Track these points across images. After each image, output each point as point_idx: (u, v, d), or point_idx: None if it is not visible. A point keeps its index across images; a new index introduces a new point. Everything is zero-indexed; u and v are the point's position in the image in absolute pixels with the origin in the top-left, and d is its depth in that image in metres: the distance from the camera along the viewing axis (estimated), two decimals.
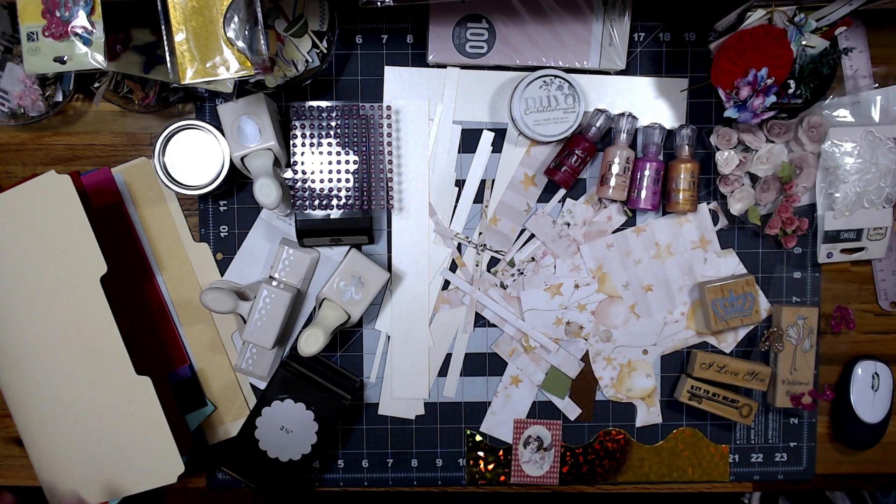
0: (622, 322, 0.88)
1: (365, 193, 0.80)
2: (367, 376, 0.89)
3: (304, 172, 0.80)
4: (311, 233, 0.81)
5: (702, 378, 0.86)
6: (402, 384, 0.88)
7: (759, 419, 0.90)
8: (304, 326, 0.88)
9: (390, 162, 0.84)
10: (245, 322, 0.81)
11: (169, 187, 0.81)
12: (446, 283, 0.88)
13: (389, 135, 0.83)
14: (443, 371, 0.89)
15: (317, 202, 0.80)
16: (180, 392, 0.86)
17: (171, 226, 0.86)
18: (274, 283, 0.81)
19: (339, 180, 0.80)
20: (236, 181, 0.87)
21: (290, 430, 0.83)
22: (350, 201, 0.80)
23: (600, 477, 0.90)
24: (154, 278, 0.86)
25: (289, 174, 0.80)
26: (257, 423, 0.83)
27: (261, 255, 0.87)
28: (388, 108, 0.83)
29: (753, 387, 0.86)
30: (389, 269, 0.87)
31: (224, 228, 0.87)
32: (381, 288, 0.83)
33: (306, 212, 0.80)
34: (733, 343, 0.89)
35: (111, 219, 0.84)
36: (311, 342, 0.80)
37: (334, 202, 0.80)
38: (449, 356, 0.89)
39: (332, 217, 0.81)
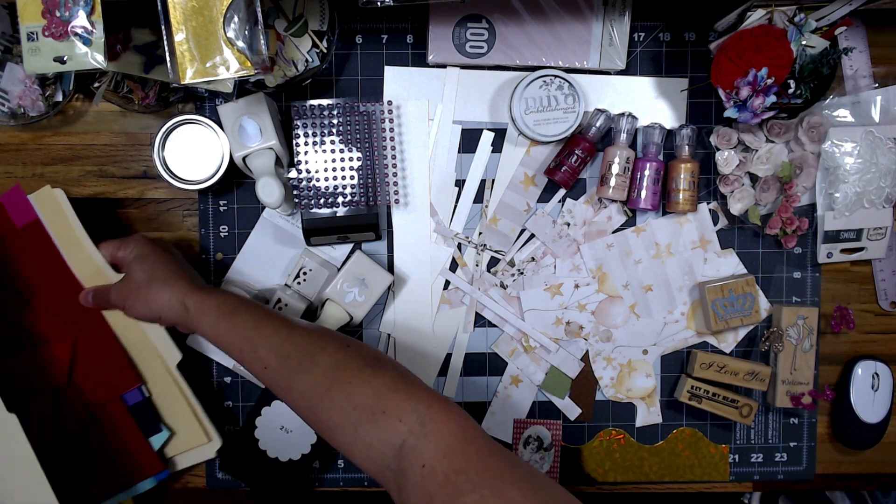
0: (622, 322, 0.88)
1: (370, 189, 0.80)
2: None
3: (308, 171, 0.80)
4: (317, 231, 0.81)
5: (702, 378, 0.86)
6: None
7: (759, 419, 0.90)
8: None
9: (394, 157, 0.84)
10: None
11: (169, 182, 0.81)
12: (446, 283, 0.88)
13: (392, 130, 0.84)
14: (443, 371, 0.89)
15: (322, 200, 0.80)
16: (137, 415, 0.80)
17: (88, 257, 0.80)
18: (289, 293, 0.82)
19: (343, 178, 0.80)
20: (235, 179, 0.87)
21: (290, 429, 0.83)
22: (355, 198, 0.80)
23: (600, 477, 0.90)
24: None
25: (293, 174, 0.80)
26: (257, 422, 0.83)
27: (264, 255, 0.87)
28: (390, 103, 0.83)
29: (753, 387, 0.86)
30: (391, 269, 0.87)
31: (224, 228, 0.87)
32: (385, 290, 0.83)
33: (312, 210, 0.80)
34: (733, 343, 0.89)
35: (34, 238, 0.80)
36: None
37: (339, 199, 0.80)
38: (449, 356, 0.89)
39: (337, 215, 0.81)
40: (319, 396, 0.62)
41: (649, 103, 0.87)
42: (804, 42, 0.78)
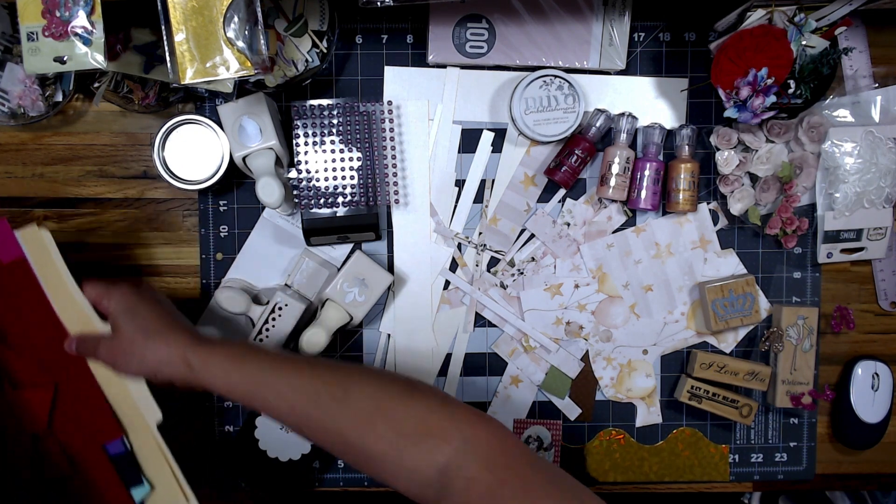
0: (622, 322, 0.88)
1: (370, 189, 0.80)
2: None
3: (308, 171, 0.80)
4: (317, 231, 0.81)
5: (702, 378, 0.86)
6: None
7: (759, 419, 0.90)
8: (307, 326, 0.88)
9: (393, 157, 0.84)
10: (254, 325, 0.81)
11: (169, 182, 0.81)
12: (446, 283, 0.88)
13: (392, 130, 0.84)
14: (443, 371, 0.89)
15: (322, 200, 0.80)
16: (118, 466, 0.76)
17: (73, 302, 0.75)
18: (289, 293, 0.82)
19: (343, 178, 0.80)
20: (235, 179, 0.87)
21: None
22: (355, 198, 0.80)
23: (600, 477, 0.90)
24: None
25: (293, 174, 0.80)
26: (257, 422, 0.83)
27: (264, 255, 0.87)
28: (390, 103, 0.83)
29: (753, 387, 0.86)
30: (391, 269, 0.87)
31: (224, 228, 0.87)
32: (385, 290, 0.83)
33: (312, 210, 0.80)
34: (733, 343, 0.89)
35: (18, 276, 0.75)
36: (313, 342, 0.80)
37: (339, 199, 0.80)
38: (449, 356, 0.89)
39: (337, 215, 0.81)
40: (359, 430, 0.61)
41: (649, 103, 0.87)
42: (804, 42, 0.78)
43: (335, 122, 0.80)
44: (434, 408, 0.61)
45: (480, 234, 0.88)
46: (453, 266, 0.88)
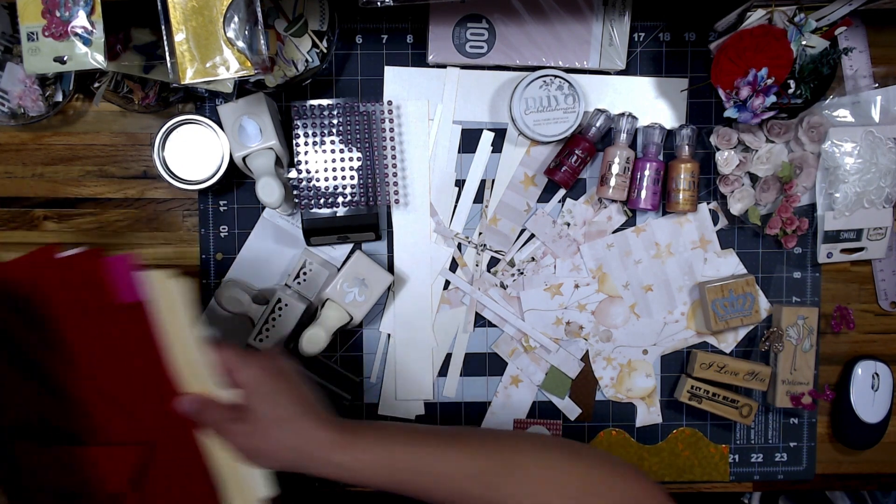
0: (622, 322, 0.88)
1: (370, 189, 0.80)
2: (367, 376, 0.89)
3: (308, 171, 0.80)
4: (317, 231, 0.81)
5: (702, 378, 0.86)
6: (404, 385, 0.88)
7: (759, 419, 0.90)
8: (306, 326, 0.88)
9: (393, 157, 0.84)
10: (254, 325, 0.81)
11: (169, 182, 0.81)
12: (446, 283, 0.88)
13: (392, 130, 0.84)
14: (443, 371, 0.89)
15: (322, 200, 0.80)
16: None
17: (192, 361, 0.65)
18: (289, 292, 0.81)
19: (343, 178, 0.80)
20: (235, 179, 0.87)
21: None
22: (355, 198, 0.80)
23: None
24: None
25: (293, 174, 0.80)
26: None
27: (264, 255, 0.87)
28: (390, 103, 0.83)
29: (753, 387, 0.86)
30: (391, 269, 0.87)
31: (224, 228, 0.87)
32: (385, 290, 0.83)
33: (312, 210, 0.80)
34: (733, 343, 0.89)
35: (130, 320, 0.65)
36: (313, 342, 0.80)
37: (339, 199, 0.80)
38: (449, 356, 0.89)
39: (337, 215, 0.81)
40: (526, 500, 0.61)
41: (649, 103, 0.87)
42: (804, 42, 0.78)
43: (335, 122, 0.80)
44: (600, 467, 0.62)
45: (480, 234, 0.88)
46: (453, 266, 0.88)
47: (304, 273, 0.84)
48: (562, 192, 0.87)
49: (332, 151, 0.80)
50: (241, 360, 0.63)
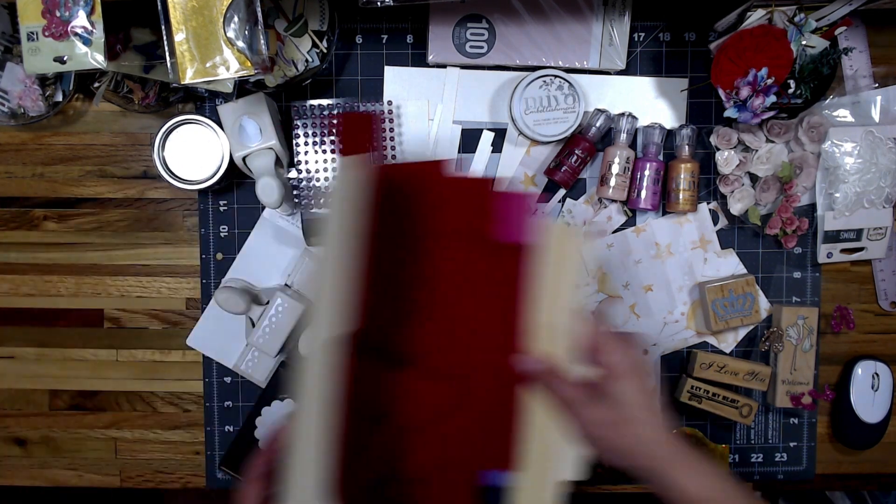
0: (622, 322, 0.88)
1: None
2: None
3: (308, 171, 0.80)
4: (317, 231, 0.81)
5: (702, 378, 0.86)
6: None
7: (759, 419, 0.90)
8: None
9: (394, 157, 0.84)
10: (254, 325, 0.81)
11: (169, 182, 0.81)
12: None
13: (392, 130, 0.84)
14: None
15: (322, 200, 0.80)
16: (486, 497, 0.62)
17: (553, 319, 0.59)
18: (289, 293, 0.82)
19: None
20: (235, 179, 0.87)
21: None
22: None
23: (600, 477, 0.90)
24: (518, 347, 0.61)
25: (293, 174, 0.80)
26: (257, 422, 0.83)
27: (264, 255, 0.87)
28: (390, 103, 0.83)
29: (753, 387, 0.86)
30: None
31: (224, 228, 0.87)
32: None
33: (312, 210, 0.80)
34: (733, 343, 0.89)
35: (498, 259, 0.60)
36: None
37: None
38: None
39: None
40: None
41: (649, 103, 0.87)
42: (804, 42, 0.77)
43: (335, 122, 0.80)
44: None
45: None
46: None
47: (304, 273, 0.83)
48: (562, 192, 0.87)
49: (332, 151, 0.80)
50: (615, 343, 0.57)
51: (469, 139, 0.87)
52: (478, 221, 0.59)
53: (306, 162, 0.80)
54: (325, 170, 0.80)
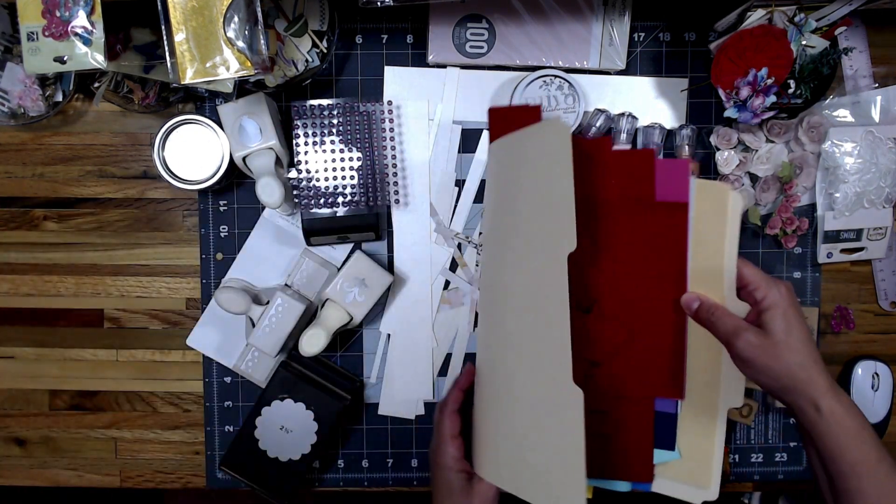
0: None
1: (370, 189, 0.80)
2: (368, 376, 0.89)
3: (308, 171, 0.80)
4: (317, 231, 0.81)
5: None
6: (404, 385, 0.88)
7: (759, 419, 0.90)
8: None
9: (393, 157, 0.84)
10: (254, 325, 0.81)
11: (169, 182, 0.81)
12: (446, 283, 0.88)
13: (392, 130, 0.84)
14: (443, 371, 0.89)
15: (322, 200, 0.80)
16: (658, 424, 0.73)
17: (715, 270, 0.69)
18: (289, 293, 0.82)
19: (343, 178, 0.80)
20: (235, 179, 0.87)
21: (290, 429, 0.83)
22: (355, 198, 0.80)
23: None
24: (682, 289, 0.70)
25: (293, 174, 0.80)
26: (257, 422, 0.83)
27: (264, 255, 0.87)
28: (390, 103, 0.83)
29: (753, 387, 0.86)
30: (391, 269, 0.87)
31: (224, 228, 0.87)
32: (385, 290, 0.83)
33: (312, 210, 0.80)
34: None
35: (664, 216, 0.70)
36: (313, 342, 0.80)
37: (339, 199, 0.80)
38: (449, 356, 0.89)
39: (337, 215, 0.81)
40: None
41: (649, 103, 0.87)
42: (804, 42, 0.78)
43: (335, 122, 0.80)
44: None
45: (481, 233, 0.88)
46: (453, 266, 0.88)
47: (304, 273, 0.83)
48: None
49: (332, 151, 0.80)
50: (771, 281, 0.65)
51: (469, 139, 0.87)
52: (642, 186, 0.69)
53: (306, 162, 0.80)
54: (326, 170, 0.80)
